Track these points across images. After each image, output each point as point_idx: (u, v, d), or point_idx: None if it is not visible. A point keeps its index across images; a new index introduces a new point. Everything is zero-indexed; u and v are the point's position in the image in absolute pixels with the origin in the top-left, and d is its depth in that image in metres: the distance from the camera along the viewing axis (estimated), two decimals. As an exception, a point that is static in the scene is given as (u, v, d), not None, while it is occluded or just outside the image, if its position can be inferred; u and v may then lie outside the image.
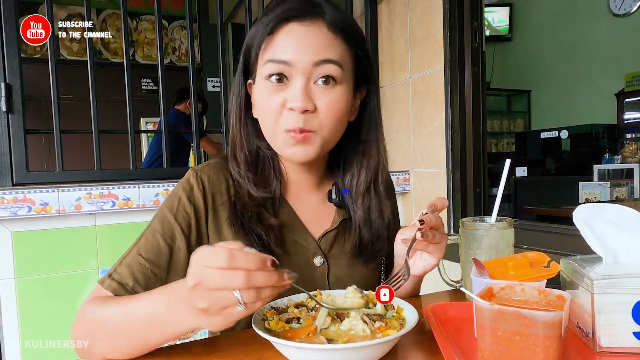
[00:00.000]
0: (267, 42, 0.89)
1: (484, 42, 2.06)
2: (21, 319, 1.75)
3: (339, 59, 0.90)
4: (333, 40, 0.90)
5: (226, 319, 0.63)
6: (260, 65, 0.91)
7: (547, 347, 0.59)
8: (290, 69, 0.88)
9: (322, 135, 0.92)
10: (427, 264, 0.92)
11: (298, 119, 0.88)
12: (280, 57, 0.88)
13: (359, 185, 1.02)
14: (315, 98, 0.89)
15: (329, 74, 0.89)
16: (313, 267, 0.98)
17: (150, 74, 5.95)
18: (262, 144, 0.99)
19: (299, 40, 0.88)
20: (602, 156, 4.88)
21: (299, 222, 1.00)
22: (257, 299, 0.61)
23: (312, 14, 0.89)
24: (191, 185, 0.96)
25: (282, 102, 0.89)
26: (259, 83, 0.93)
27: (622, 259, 0.77)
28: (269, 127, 0.93)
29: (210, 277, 0.60)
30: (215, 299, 0.61)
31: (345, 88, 0.92)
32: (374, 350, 0.68)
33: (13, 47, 1.78)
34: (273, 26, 0.88)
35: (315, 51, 0.88)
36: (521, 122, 7.29)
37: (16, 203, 1.68)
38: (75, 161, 3.30)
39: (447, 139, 2.04)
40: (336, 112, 0.91)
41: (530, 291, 0.70)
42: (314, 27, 0.88)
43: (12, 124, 1.79)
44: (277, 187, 0.99)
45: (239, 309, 0.61)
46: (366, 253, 1.02)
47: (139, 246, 0.91)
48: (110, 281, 0.87)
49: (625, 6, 5.58)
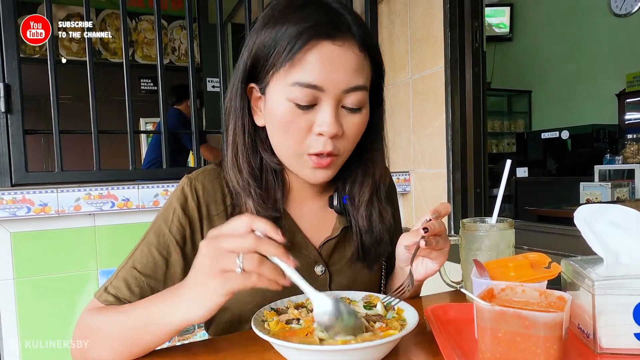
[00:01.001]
0: (295, 60, 0.82)
1: (485, 42, 2.05)
2: (20, 320, 1.75)
3: (366, 82, 0.88)
4: (362, 61, 0.86)
5: (224, 282, 0.66)
6: (281, 81, 0.84)
7: (548, 349, 0.59)
8: (320, 94, 0.83)
9: (343, 158, 0.92)
10: (429, 269, 0.92)
11: (326, 143, 0.86)
12: (311, 82, 0.82)
13: (362, 194, 1.00)
14: (342, 121, 0.87)
15: (358, 103, 0.87)
16: (314, 277, 0.97)
17: (150, 74, 5.95)
18: (267, 156, 0.95)
19: (332, 62, 0.82)
20: (603, 157, 4.87)
21: (300, 231, 0.98)
22: (256, 269, 0.65)
23: (342, 30, 0.83)
24: (185, 196, 0.95)
25: (308, 125, 0.85)
26: (278, 100, 0.86)
27: (623, 259, 0.77)
28: (289, 148, 0.89)
29: (225, 239, 0.66)
30: (219, 259, 0.66)
31: (367, 108, 0.91)
32: (375, 351, 0.68)
33: (12, 47, 1.78)
34: (303, 43, 0.81)
35: (347, 76, 0.84)
36: (522, 123, 7.29)
37: (15, 204, 1.67)
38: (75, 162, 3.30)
39: (447, 139, 2.04)
40: (359, 134, 0.91)
41: (531, 292, 0.70)
42: (346, 48, 0.84)
43: (11, 124, 1.79)
44: (280, 201, 0.96)
45: (237, 271, 0.65)
46: (369, 257, 1.01)
47: (134, 259, 0.90)
48: (106, 295, 0.87)
49: (626, 6, 5.57)
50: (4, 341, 1.73)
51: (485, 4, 2.07)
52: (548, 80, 6.82)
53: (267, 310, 0.80)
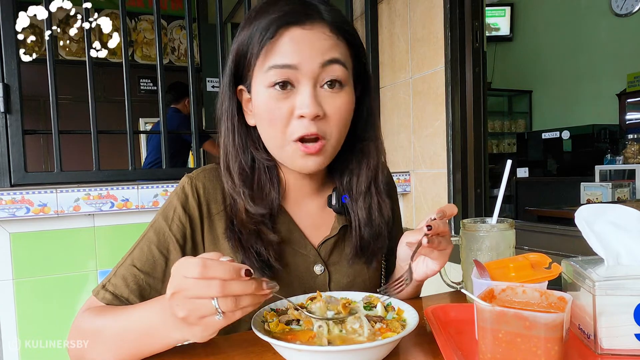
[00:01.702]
0: (267, 49, 0.85)
1: (485, 42, 2.05)
2: (19, 320, 1.74)
3: (343, 58, 0.88)
4: (336, 41, 0.87)
5: (206, 328, 0.64)
6: (259, 72, 0.87)
7: (549, 349, 0.58)
8: (296, 74, 0.85)
9: (332, 143, 0.90)
10: (429, 269, 0.92)
11: (309, 125, 0.85)
12: (285, 62, 0.84)
13: (359, 185, 1.00)
14: (323, 103, 0.87)
15: (336, 77, 0.87)
16: (314, 276, 0.97)
17: (149, 74, 5.95)
18: (259, 155, 0.96)
19: (303, 44, 0.84)
20: (604, 157, 4.87)
21: (298, 230, 0.98)
22: (236, 307, 0.62)
23: (311, 16, 0.86)
24: (186, 194, 0.95)
25: (289, 110, 0.86)
26: (259, 91, 0.88)
27: (624, 260, 0.77)
28: (276, 138, 0.89)
29: (187, 286, 0.61)
30: (194, 308, 0.62)
31: (350, 90, 0.91)
32: (375, 352, 0.68)
33: (11, 47, 1.78)
34: (274, 31, 0.84)
35: (320, 52, 0.85)
36: (522, 123, 7.28)
37: (14, 204, 1.67)
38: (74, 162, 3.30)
39: (447, 139, 2.04)
40: (344, 116, 0.90)
41: (531, 293, 0.69)
42: (317, 30, 0.85)
43: (10, 125, 1.79)
44: (275, 199, 0.96)
45: (218, 317, 0.62)
46: (367, 253, 1.00)
47: (133, 257, 0.90)
48: (104, 292, 0.87)
49: (627, 6, 5.57)
50: (3, 341, 1.73)
51: (485, 3, 2.07)
52: (549, 80, 6.82)
53: (266, 311, 0.80)
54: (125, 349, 0.76)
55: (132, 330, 0.75)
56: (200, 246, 0.95)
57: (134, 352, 0.76)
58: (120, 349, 0.76)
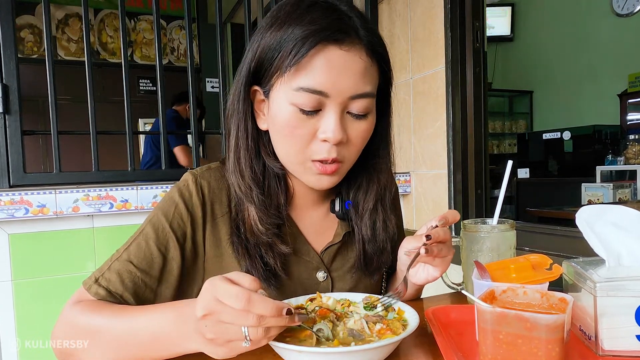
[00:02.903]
0: (301, 65, 0.80)
1: (486, 43, 2.05)
2: (18, 321, 1.74)
3: (373, 89, 0.86)
4: (370, 67, 0.84)
5: (230, 351, 0.63)
6: (286, 85, 0.82)
7: (550, 351, 0.58)
8: (325, 100, 0.81)
9: (348, 165, 0.90)
10: (430, 275, 0.91)
11: (331, 150, 0.84)
12: (317, 88, 0.80)
13: (366, 202, 0.98)
14: (347, 128, 0.85)
15: (364, 109, 0.85)
16: (316, 282, 0.96)
17: (149, 75, 5.95)
18: (269, 161, 0.92)
19: (339, 67, 0.80)
20: (605, 157, 4.87)
21: (302, 236, 0.97)
22: (264, 337, 0.62)
23: (350, 34, 0.81)
24: (190, 192, 0.92)
25: (312, 131, 0.83)
26: (282, 104, 0.83)
27: (625, 261, 0.77)
28: (294, 155, 0.87)
29: (224, 312, 0.60)
30: (223, 332, 0.61)
31: (373, 115, 0.89)
32: (375, 353, 0.67)
33: (10, 47, 1.78)
34: (310, 46, 0.78)
35: (353, 82, 0.82)
36: (523, 123, 7.29)
37: (13, 205, 1.67)
38: (73, 163, 3.30)
39: (448, 140, 2.03)
40: (365, 141, 0.89)
41: (532, 294, 0.69)
42: (354, 53, 0.81)
43: (9, 125, 1.79)
44: (283, 207, 0.94)
45: (245, 344, 0.61)
46: (370, 267, 0.99)
47: (130, 252, 0.88)
48: (97, 287, 0.84)
49: (628, 6, 5.57)
50: (2, 342, 1.73)
51: (486, 4, 2.07)
52: (549, 81, 6.82)
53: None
54: (126, 352, 0.73)
55: (137, 334, 0.72)
56: (200, 247, 0.92)
57: (138, 356, 0.73)
58: (121, 353, 0.74)
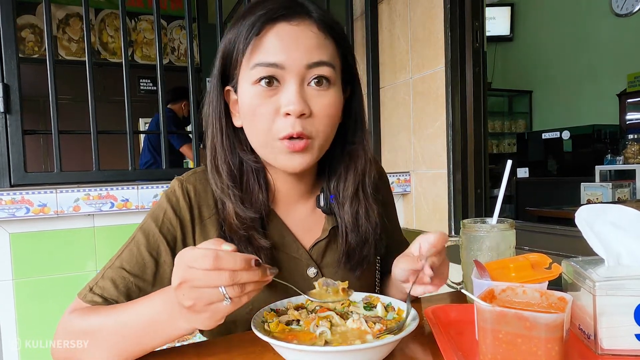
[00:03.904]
0: (254, 45, 0.83)
1: (485, 42, 2.05)
2: (19, 321, 1.74)
3: (330, 59, 0.87)
4: (323, 40, 0.86)
5: (213, 314, 0.65)
6: (245, 69, 0.86)
7: (549, 350, 0.58)
8: (282, 72, 0.83)
9: (319, 142, 0.88)
10: (427, 289, 0.89)
11: (295, 123, 0.83)
12: (271, 60, 0.82)
13: (346, 190, 0.98)
14: (310, 101, 0.85)
15: (323, 75, 0.85)
16: (307, 279, 0.96)
17: (149, 74, 5.94)
18: (246, 156, 0.94)
19: (290, 40, 0.83)
20: (604, 157, 4.87)
21: (290, 234, 0.97)
22: (242, 293, 0.64)
23: (299, 12, 0.85)
24: (177, 197, 0.93)
25: (275, 108, 0.84)
26: (245, 89, 0.87)
27: (624, 260, 0.77)
28: (261, 136, 0.87)
29: (196, 276, 0.62)
30: (200, 296, 0.63)
31: (337, 89, 0.89)
32: (374, 352, 0.68)
33: (11, 47, 1.78)
34: (260, 27, 0.83)
35: (307, 52, 0.84)
36: (522, 123, 7.29)
37: (14, 204, 1.67)
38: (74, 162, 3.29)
39: (448, 139, 2.04)
40: (332, 115, 0.88)
41: (531, 293, 0.69)
42: (304, 27, 0.84)
43: (10, 125, 1.79)
44: (264, 203, 0.94)
45: (225, 303, 0.63)
46: (354, 259, 0.98)
47: (122, 259, 0.89)
48: (92, 295, 0.85)
49: (627, 6, 5.57)
50: (3, 341, 1.73)
51: (485, 3, 2.07)
52: (549, 81, 6.82)
53: (266, 312, 0.80)
54: (124, 345, 0.75)
55: (132, 325, 0.74)
56: None
57: (134, 348, 0.75)
58: (119, 346, 0.75)
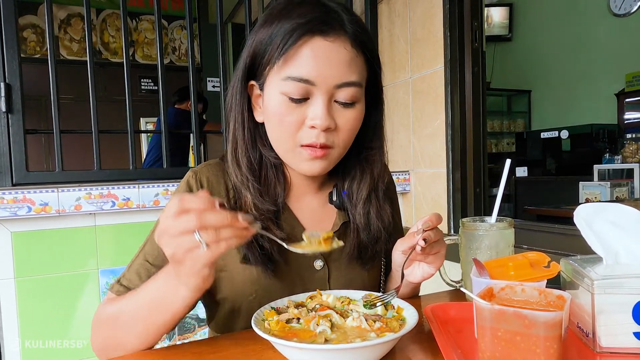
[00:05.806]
0: (288, 56, 0.85)
1: (484, 42, 2.06)
2: (21, 319, 1.75)
3: (359, 78, 0.89)
4: (355, 58, 0.88)
5: (194, 263, 0.67)
6: (275, 76, 0.87)
7: (548, 348, 0.59)
8: (312, 88, 0.85)
9: (339, 151, 0.92)
10: (426, 272, 0.93)
11: (319, 135, 0.87)
12: (303, 75, 0.84)
13: (360, 192, 1.01)
14: (335, 116, 0.88)
15: (350, 100, 0.88)
16: (313, 271, 0.98)
17: (150, 74, 5.94)
18: (266, 152, 0.97)
19: (324, 57, 0.85)
20: (603, 156, 4.87)
21: (300, 226, 0.99)
22: (218, 238, 0.65)
23: (335, 27, 0.86)
24: (191, 187, 0.97)
25: (301, 119, 0.87)
26: (272, 95, 0.88)
27: (622, 259, 0.77)
28: (284, 142, 0.91)
29: (170, 225, 0.66)
30: (178, 244, 0.66)
31: (362, 104, 0.92)
32: (374, 350, 0.68)
33: (12, 47, 1.78)
34: (297, 38, 0.84)
35: (339, 71, 0.86)
36: (521, 122, 7.28)
37: (16, 203, 1.67)
38: (75, 161, 3.30)
39: (447, 139, 2.04)
40: (354, 129, 0.92)
41: (530, 291, 0.70)
42: (339, 44, 0.85)
43: (12, 124, 1.79)
44: (280, 196, 0.97)
45: (203, 249, 0.65)
46: (365, 256, 1.01)
47: (145, 252, 0.93)
48: (119, 286, 0.91)
49: (625, 6, 5.57)
50: (4, 340, 1.73)
51: (485, 3, 2.07)
52: (548, 80, 6.81)
53: (267, 310, 0.80)
54: (140, 327, 0.79)
55: (143, 305, 0.79)
56: None
57: (150, 329, 0.79)
58: (138, 328, 0.79)
